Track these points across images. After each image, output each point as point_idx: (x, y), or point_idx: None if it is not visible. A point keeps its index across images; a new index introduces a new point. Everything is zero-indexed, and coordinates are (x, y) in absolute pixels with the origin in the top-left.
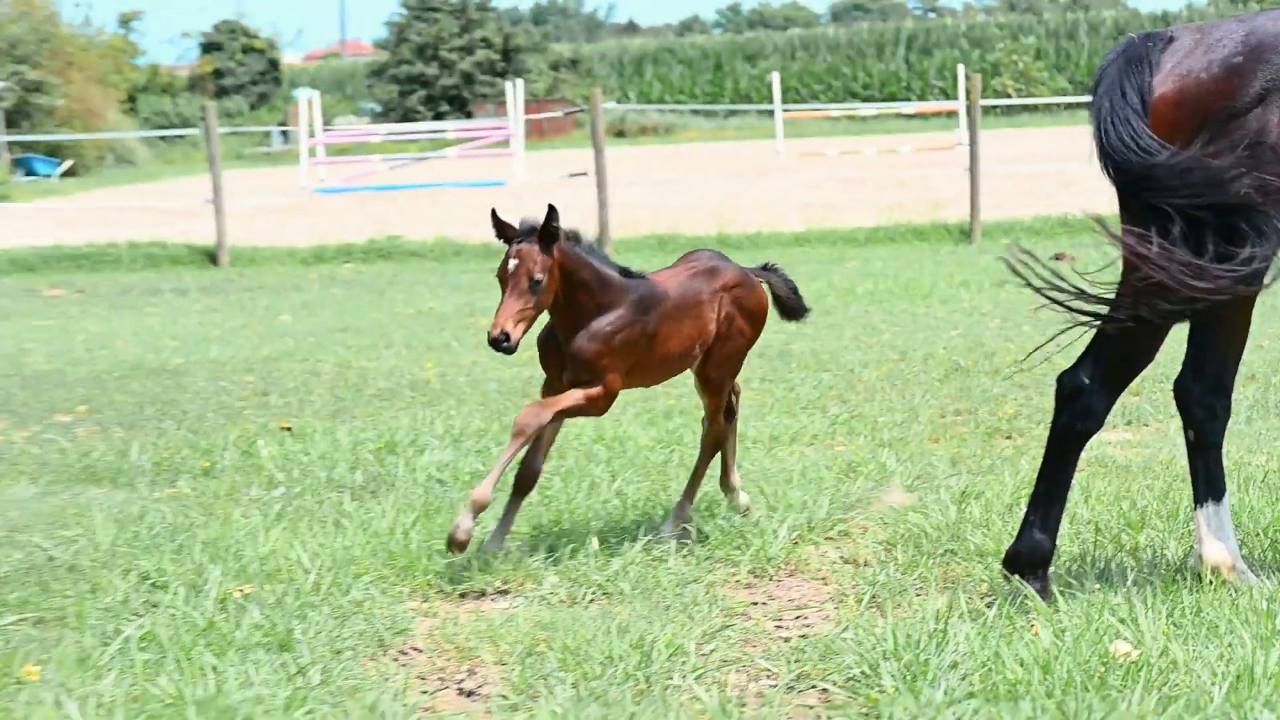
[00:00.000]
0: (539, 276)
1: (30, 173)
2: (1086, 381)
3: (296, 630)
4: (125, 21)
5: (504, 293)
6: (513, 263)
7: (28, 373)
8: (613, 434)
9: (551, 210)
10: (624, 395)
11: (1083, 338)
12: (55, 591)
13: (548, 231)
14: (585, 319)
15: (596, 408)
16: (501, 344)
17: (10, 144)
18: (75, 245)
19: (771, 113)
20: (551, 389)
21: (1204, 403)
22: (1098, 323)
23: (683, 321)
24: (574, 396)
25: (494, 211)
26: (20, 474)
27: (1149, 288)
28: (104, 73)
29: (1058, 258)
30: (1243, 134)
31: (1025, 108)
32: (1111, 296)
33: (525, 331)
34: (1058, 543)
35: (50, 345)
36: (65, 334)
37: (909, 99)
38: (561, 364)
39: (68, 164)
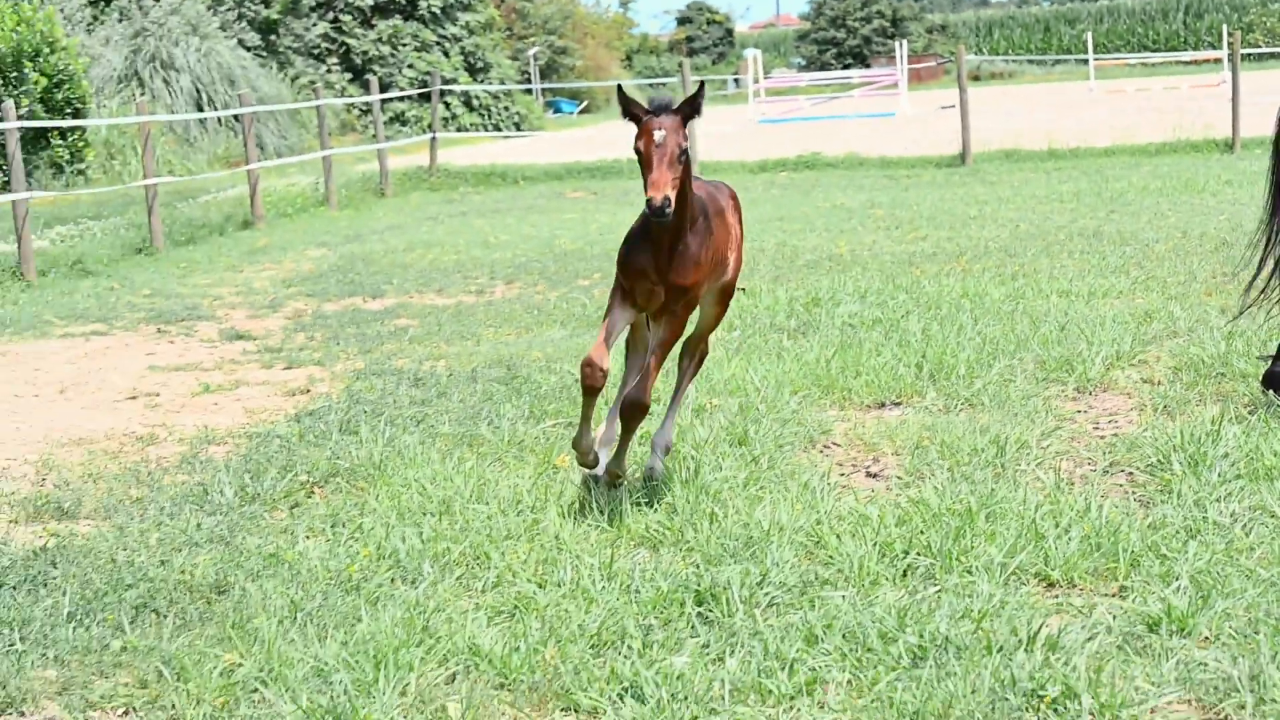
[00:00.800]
0: (685, 146)
1: (557, 111)
2: None
3: (751, 431)
4: (624, 2)
5: (651, 164)
6: (660, 134)
7: (557, 251)
8: (974, 290)
9: (701, 86)
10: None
11: None
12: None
13: (692, 107)
14: (682, 213)
15: (676, 341)
16: (665, 210)
17: (544, 90)
18: (589, 161)
19: (1086, 61)
20: (626, 296)
21: None
22: None
23: (719, 228)
24: (659, 356)
25: (620, 88)
26: (554, 322)
27: None
28: (609, 40)
29: None
30: None
31: (1273, 55)
32: None
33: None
34: None
35: (573, 231)
36: (583, 224)
37: (1186, 50)
38: (645, 274)
39: (583, 104)
